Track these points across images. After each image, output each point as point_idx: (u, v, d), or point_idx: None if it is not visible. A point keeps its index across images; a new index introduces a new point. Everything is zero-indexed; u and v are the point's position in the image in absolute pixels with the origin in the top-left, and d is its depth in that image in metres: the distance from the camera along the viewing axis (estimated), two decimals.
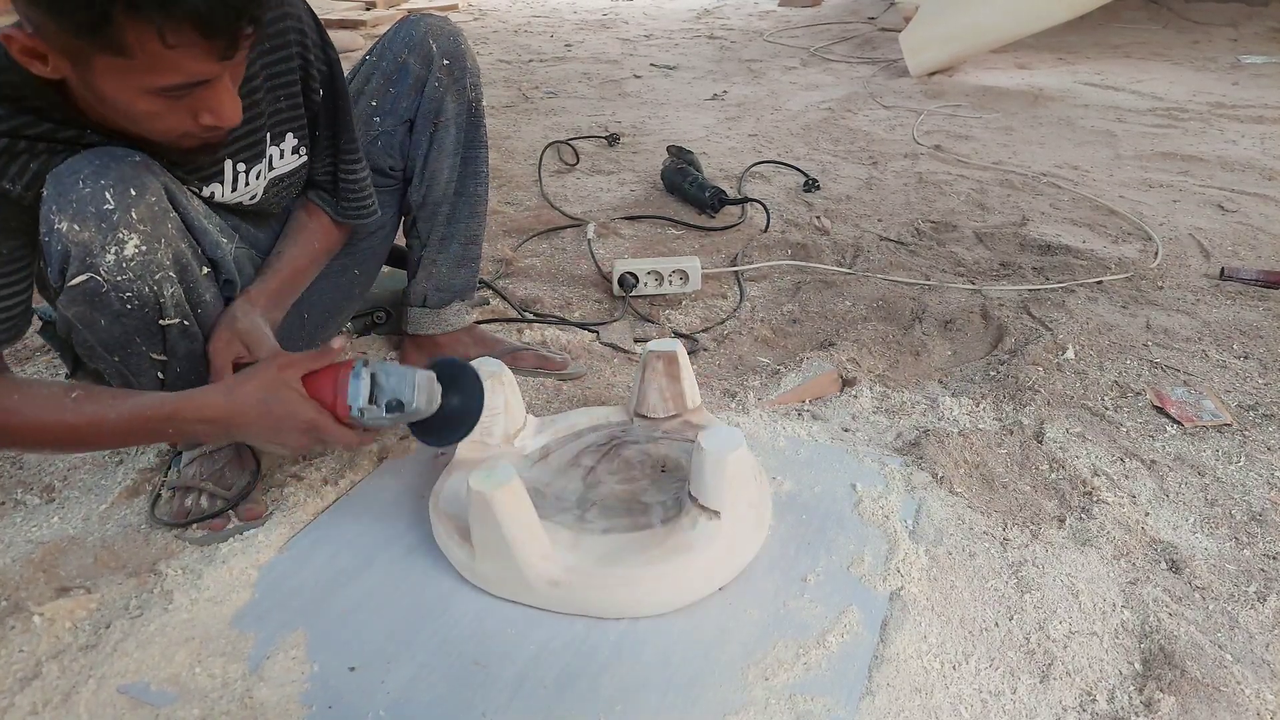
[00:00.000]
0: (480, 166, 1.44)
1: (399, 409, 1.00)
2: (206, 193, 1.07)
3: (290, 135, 1.14)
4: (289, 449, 1.02)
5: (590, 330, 1.72)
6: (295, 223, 1.24)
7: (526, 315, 1.77)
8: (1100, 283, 1.88)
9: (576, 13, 6.15)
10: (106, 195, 0.92)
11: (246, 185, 1.10)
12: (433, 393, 1.03)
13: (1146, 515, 1.18)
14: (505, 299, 1.84)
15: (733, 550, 1.04)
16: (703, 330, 1.73)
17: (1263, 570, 1.09)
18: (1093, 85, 3.76)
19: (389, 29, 1.36)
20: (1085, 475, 1.26)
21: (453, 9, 6.12)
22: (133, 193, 0.94)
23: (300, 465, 1.29)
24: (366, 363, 1.01)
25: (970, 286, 1.88)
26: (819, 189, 2.50)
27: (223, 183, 1.08)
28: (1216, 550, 1.13)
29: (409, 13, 1.37)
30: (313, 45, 1.12)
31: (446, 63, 1.33)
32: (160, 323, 1.01)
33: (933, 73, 3.91)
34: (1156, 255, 2.02)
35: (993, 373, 1.54)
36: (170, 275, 0.99)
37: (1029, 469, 1.28)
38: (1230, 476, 1.26)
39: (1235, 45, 4.50)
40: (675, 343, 1.27)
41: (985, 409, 1.43)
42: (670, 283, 1.85)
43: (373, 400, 0.99)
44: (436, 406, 1.04)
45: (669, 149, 2.60)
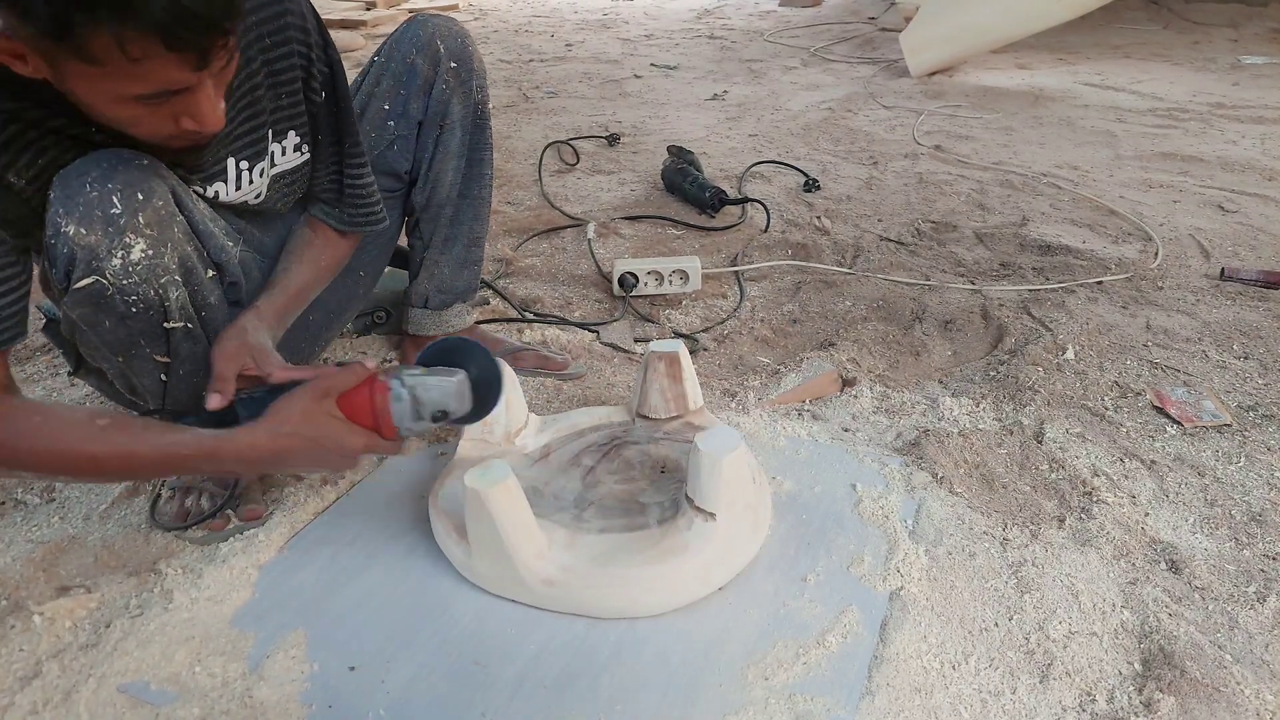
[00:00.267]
0: (485, 169, 1.43)
1: (444, 417, 1.01)
2: (211, 192, 1.07)
3: (292, 133, 1.13)
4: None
5: (590, 330, 1.72)
6: (299, 239, 1.21)
7: (527, 315, 1.77)
8: (1100, 283, 1.88)
9: (577, 13, 6.15)
10: (114, 199, 0.92)
11: (251, 183, 1.10)
12: (463, 391, 1.03)
13: (1146, 515, 1.19)
14: (506, 299, 1.84)
15: (729, 552, 1.04)
16: (703, 330, 1.73)
17: (1262, 570, 1.09)
18: (1093, 85, 3.76)
19: (396, 30, 1.35)
20: (1085, 475, 1.26)
21: (453, 9, 6.12)
22: (140, 197, 0.94)
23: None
24: (400, 380, 0.99)
25: (970, 287, 1.88)
26: (819, 189, 2.51)
27: (226, 181, 1.07)
28: (1216, 550, 1.13)
29: (413, 13, 1.37)
30: (315, 45, 1.11)
31: (454, 65, 1.33)
32: (165, 326, 1.01)
33: (933, 73, 3.91)
34: (1156, 255, 2.02)
35: (993, 373, 1.54)
36: (176, 279, 0.99)
37: (1029, 469, 1.28)
38: (1230, 477, 1.26)
39: (1235, 46, 4.50)
40: (677, 343, 1.27)
41: (985, 409, 1.43)
42: (670, 283, 1.85)
43: (419, 416, 1.00)
44: (472, 401, 1.05)
45: (669, 149, 2.60)
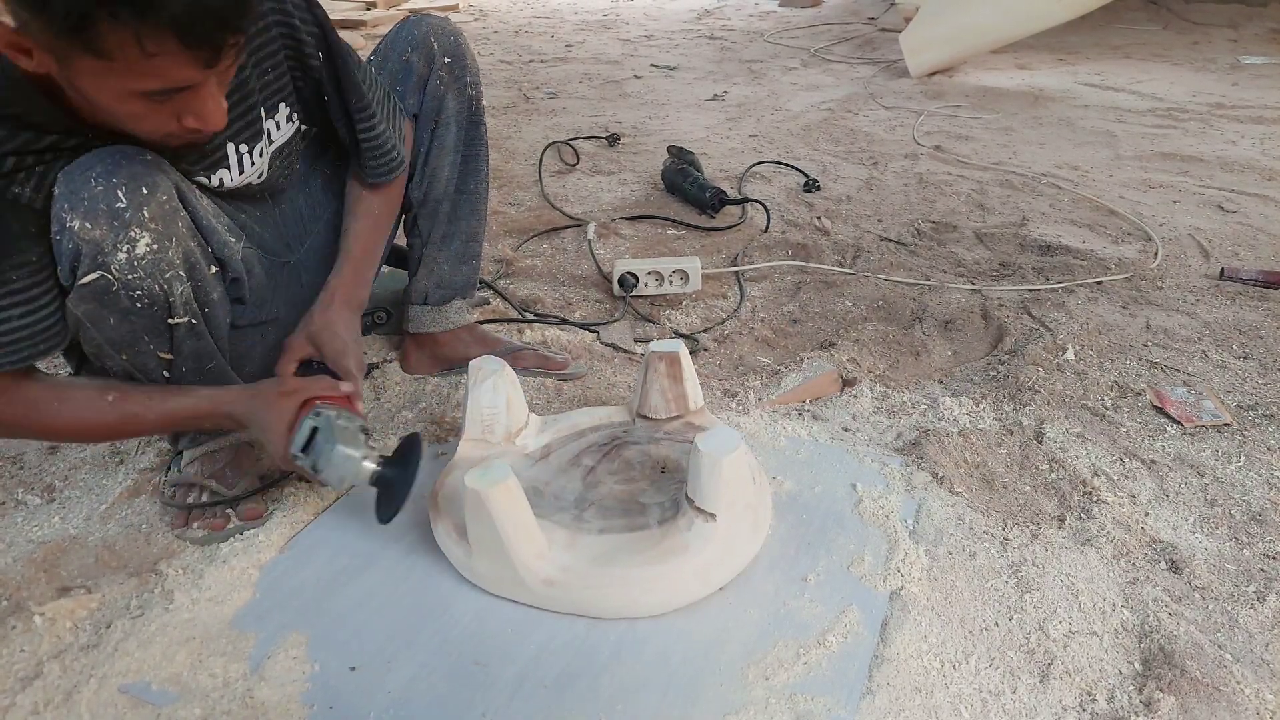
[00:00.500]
0: (481, 164, 1.44)
1: (315, 471, 1.05)
2: (215, 180, 1.07)
3: (282, 105, 1.13)
4: (273, 463, 1.13)
5: (591, 330, 1.72)
6: (352, 195, 1.29)
7: (527, 315, 1.77)
8: (1100, 283, 1.89)
9: (577, 13, 6.15)
10: (119, 194, 0.92)
11: (252, 165, 1.11)
12: (350, 472, 1.05)
13: (1146, 515, 1.19)
14: (506, 299, 1.84)
15: (728, 553, 1.03)
16: (703, 330, 1.73)
17: (1263, 570, 1.09)
18: (1093, 86, 3.76)
19: (391, 30, 1.36)
20: (1085, 475, 1.26)
21: (453, 9, 6.12)
22: (144, 191, 0.94)
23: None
24: (320, 414, 1.05)
25: (970, 287, 1.88)
26: (819, 189, 2.51)
27: (229, 167, 1.08)
28: (1216, 550, 1.13)
29: (410, 13, 1.38)
30: (296, 9, 1.10)
31: (448, 60, 1.34)
32: (169, 321, 1.01)
33: (933, 73, 3.91)
34: (1156, 255, 2.02)
35: (993, 373, 1.54)
36: (180, 274, 0.99)
37: (1029, 469, 1.28)
38: (1230, 476, 1.26)
39: (1235, 46, 4.50)
40: (678, 344, 1.27)
41: (985, 409, 1.43)
42: (670, 283, 1.85)
43: (305, 450, 1.05)
44: (351, 485, 1.08)
45: (669, 149, 2.60)
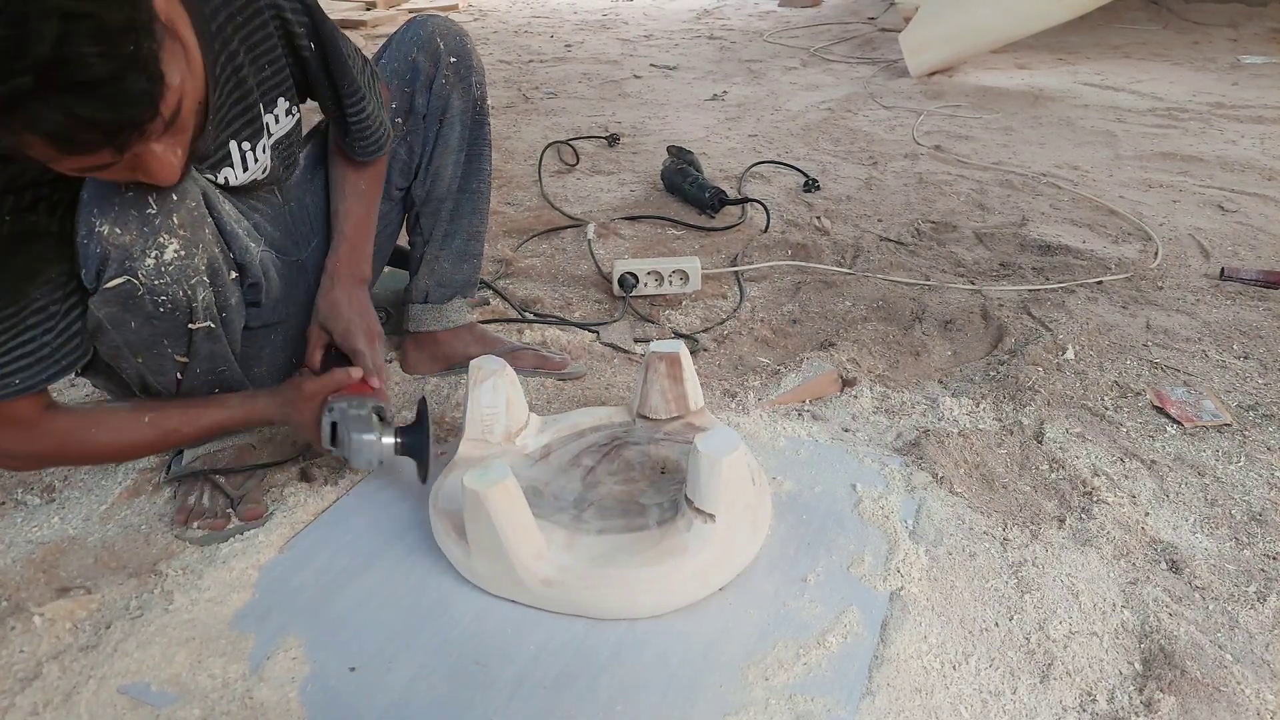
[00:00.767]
0: (484, 164, 1.44)
1: (348, 461, 1.13)
2: (221, 178, 1.07)
3: (281, 99, 1.13)
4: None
5: (590, 330, 1.72)
6: (337, 172, 1.29)
7: (527, 315, 1.77)
8: (1100, 283, 1.88)
9: (576, 13, 6.15)
10: (149, 199, 0.92)
11: (256, 161, 1.11)
12: (374, 453, 1.12)
13: (1146, 515, 1.18)
14: (505, 299, 1.84)
15: (728, 554, 1.03)
16: (703, 330, 1.73)
17: (1263, 570, 1.09)
18: (1093, 85, 3.76)
19: (396, 31, 1.36)
20: (1085, 475, 1.26)
21: (453, 9, 6.12)
22: (174, 197, 0.94)
23: (305, 463, 1.29)
24: (333, 409, 1.12)
25: (970, 286, 1.88)
26: (819, 189, 2.50)
27: (233, 165, 1.08)
28: (1216, 550, 1.13)
29: (414, 14, 1.38)
30: (288, 1, 1.08)
31: (453, 60, 1.34)
32: (190, 326, 1.02)
33: (933, 73, 3.91)
34: (1156, 255, 2.02)
35: (993, 373, 1.54)
36: (204, 280, 1.00)
37: (1029, 469, 1.28)
38: (1230, 476, 1.26)
39: (1235, 45, 4.50)
40: (678, 344, 1.26)
41: (985, 409, 1.43)
42: (670, 283, 1.85)
43: (334, 443, 1.13)
44: (381, 462, 1.13)
45: (669, 149, 2.60)
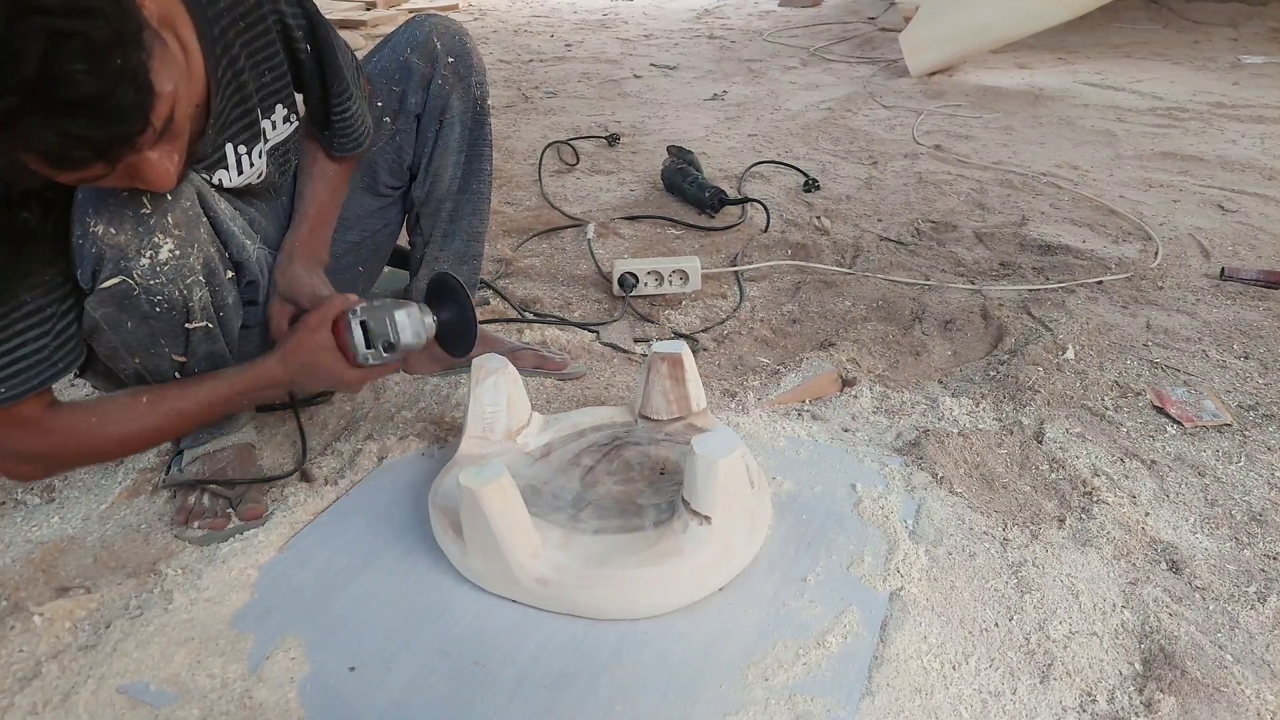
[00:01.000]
0: (484, 164, 1.44)
1: (393, 348, 1.08)
2: (215, 180, 1.07)
3: (280, 106, 1.13)
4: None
5: (590, 330, 1.72)
6: (307, 157, 1.26)
7: (526, 315, 1.77)
8: (1100, 283, 1.88)
9: (576, 13, 6.15)
10: (143, 199, 0.92)
11: (251, 166, 1.11)
12: (419, 324, 1.09)
13: (1146, 515, 1.18)
14: (505, 299, 1.83)
15: (724, 556, 1.03)
16: (703, 330, 1.73)
17: (1263, 570, 1.09)
18: (1093, 85, 3.76)
19: (395, 30, 1.36)
20: (1085, 475, 1.26)
21: (453, 9, 6.12)
22: (169, 197, 0.94)
23: (303, 465, 1.29)
24: (356, 311, 1.08)
25: (970, 286, 1.88)
26: (819, 189, 2.50)
27: (228, 168, 1.08)
28: (1216, 550, 1.13)
29: (413, 14, 1.37)
30: (285, 4, 1.08)
31: (451, 60, 1.33)
32: (186, 325, 1.02)
33: (933, 73, 3.91)
34: (1156, 255, 2.02)
35: (993, 373, 1.54)
36: (200, 279, 1.00)
37: (1029, 469, 1.28)
38: (1230, 476, 1.26)
39: (1235, 45, 4.50)
40: (681, 344, 1.26)
41: (985, 409, 1.43)
42: (670, 283, 1.85)
43: (370, 345, 1.07)
44: (429, 334, 1.11)
45: (669, 149, 2.60)
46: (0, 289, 0.89)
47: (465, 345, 1.14)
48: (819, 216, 2.29)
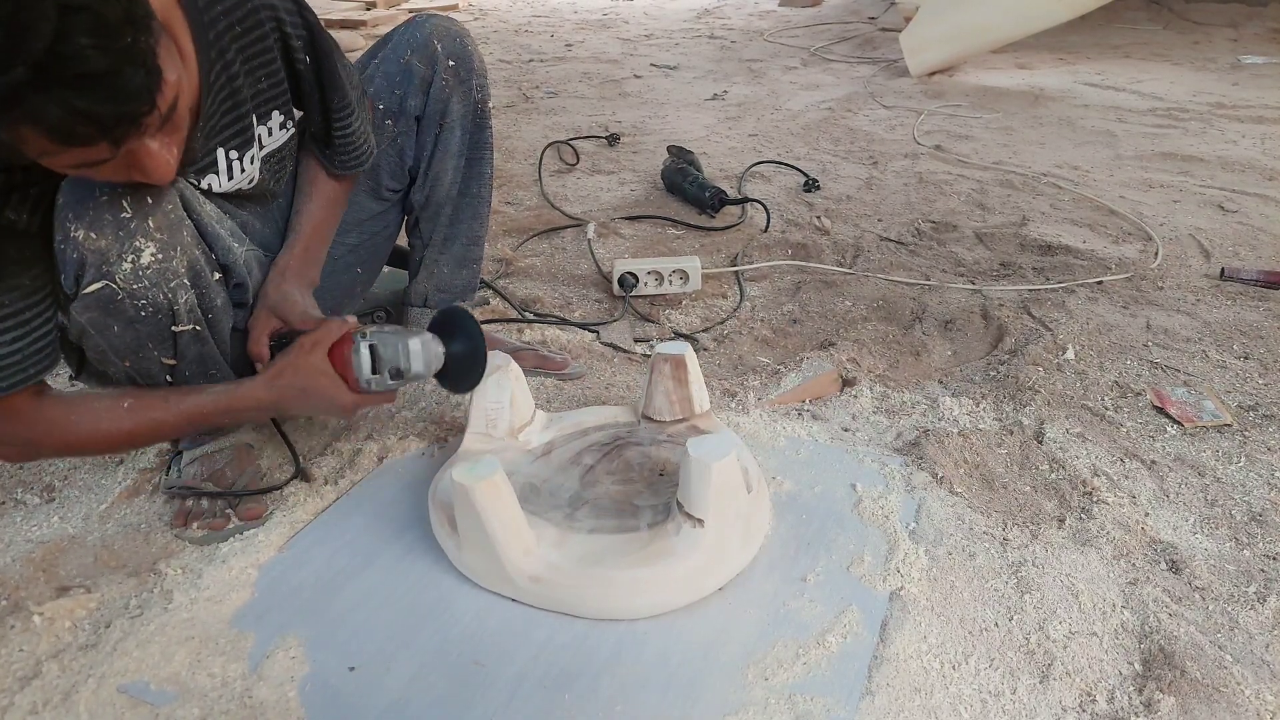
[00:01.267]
0: (485, 168, 1.43)
1: (400, 376, 1.06)
2: (204, 184, 1.06)
3: (276, 113, 1.12)
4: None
5: (590, 330, 1.72)
6: (306, 174, 1.25)
7: (526, 315, 1.77)
8: (1100, 283, 1.88)
9: (577, 12, 6.15)
10: (123, 203, 0.92)
11: (243, 171, 1.10)
12: (430, 354, 1.08)
13: (1146, 515, 1.18)
14: (505, 299, 1.84)
15: (717, 560, 1.02)
16: (703, 330, 1.73)
17: (1263, 571, 1.09)
18: (1093, 85, 3.76)
19: (394, 30, 1.34)
20: (1085, 475, 1.26)
21: (453, 9, 6.12)
22: (150, 200, 0.94)
23: (299, 469, 1.29)
24: (365, 335, 1.06)
25: (970, 286, 1.88)
26: (819, 189, 2.50)
27: (218, 173, 1.07)
28: (1216, 550, 1.13)
29: (413, 14, 1.37)
30: (285, 14, 1.08)
31: (452, 63, 1.32)
32: (173, 329, 1.01)
33: (933, 73, 3.91)
34: (1157, 255, 2.02)
35: (993, 373, 1.54)
36: (184, 282, 0.99)
37: (1029, 469, 1.28)
38: (1230, 477, 1.26)
39: (1235, 45, 4.50)
40: (684, 346, 1.26)
41: (985, 409, 1.43)
42: (670, 283, 1.85)
43: (375, 370, 1.06)
44: (438, 365, 1.09)
45: (669, 149, 2.60)
46: None
47: (470, 382, 1.14)
48: (819, 216, 2.29)
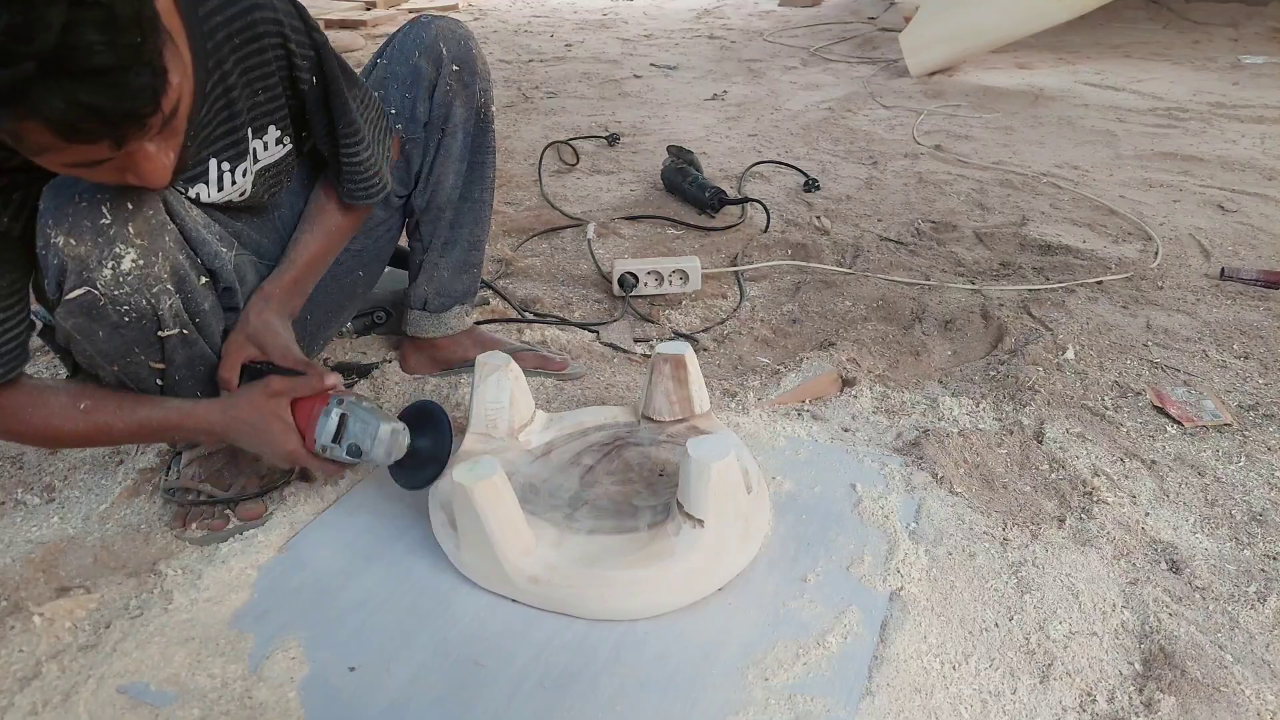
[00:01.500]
0: (487, 172, 1.42)
1: (358, 455, 1.06)
2: (192, 193, 1.05)
3: (272, 127, 1.12)
4: (270, 460, 1.11)
5: (590, 330, 1.72)
6: (315, 204, 1.24)
7: (526, 315, 1.77)
8: (1100, 283, 1.88)
9: (576, 12, 6.15)
10: (103, 209, 0.91)
11: (234, 183, 1.09)
12: (395, 445, 1.07)
13: (1146, 515, 1.18)
14: (505, 299, 1.83)
15: (716, 560, 1.02)
16: (703, 330, 1.73)
17: (1263, 570, 1.09)
18: (1093, 85, 3.76)
19: (398, 30, 1.34)
20: (1085, 475, 1.26)
21: (453, 9, 6.12)
22: (130, 206, 0.93)
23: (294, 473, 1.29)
24: (341, 401, 1.07)
25: (970, 286, 1.88)
26: (819, 189, 2.50)
27: (208, 183, 1.06)
28: (1216, 550, 1.13)
29: (415, 14, 1.36)
30: (292, 34, 1.07)
31: (456, 68, 1.32)
32: (159, 334, 1.01)
33: (933, 73, 3.91)
34: (1156, 255, 2.02)
35: (993, 373, 1.54)
36: (168, 288, 0.99)
37: (1029, 469, 1.28)
38: (1230, 476, 1.26)
39: (1235, 45, 4.50)
40: (684, 346, 1.26)
41: (985, 409, 1.43)
42: (670, 283, 1.85)
43: (337, 439, 1.06)
44: (397, 458, 1.08)
45: (669, 149, 2.60)
46: None
47: (420, 481, 1.11)
48: (819, 216, 2.29)
